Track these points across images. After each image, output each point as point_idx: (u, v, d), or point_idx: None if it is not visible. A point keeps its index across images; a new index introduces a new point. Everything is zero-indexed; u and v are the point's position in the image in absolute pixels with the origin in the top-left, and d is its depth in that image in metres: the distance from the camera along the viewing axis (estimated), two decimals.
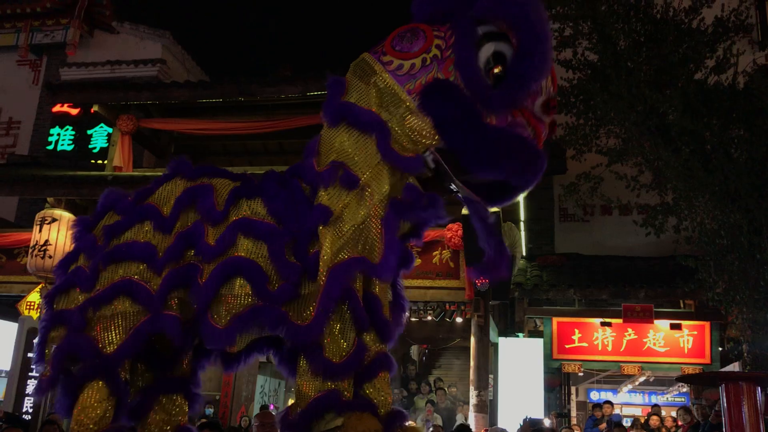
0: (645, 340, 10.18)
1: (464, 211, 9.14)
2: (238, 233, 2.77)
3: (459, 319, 9.88)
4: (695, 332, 10.07)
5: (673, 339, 10.08)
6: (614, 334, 10.24)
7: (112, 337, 2.75)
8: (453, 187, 2.90)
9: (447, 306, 9.50)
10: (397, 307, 3.01)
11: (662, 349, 10.12)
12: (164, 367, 3.06)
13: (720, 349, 10.11)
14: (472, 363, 9.01)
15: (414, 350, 14.07)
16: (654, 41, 8.49)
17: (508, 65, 2.76)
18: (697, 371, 9.76)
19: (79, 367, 2.74)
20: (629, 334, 10.22)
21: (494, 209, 3.20)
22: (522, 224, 11.01)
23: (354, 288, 2.68)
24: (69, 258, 3.09)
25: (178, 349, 2.98)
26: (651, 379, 12.68)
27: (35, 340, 3.04)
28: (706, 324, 10.03)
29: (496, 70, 2.79)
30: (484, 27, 2.81)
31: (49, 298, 2.99)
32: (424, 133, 2.79)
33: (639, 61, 8.38)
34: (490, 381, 9.66)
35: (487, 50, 2.81)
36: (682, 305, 10.40)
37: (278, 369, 3.03)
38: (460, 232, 8.69)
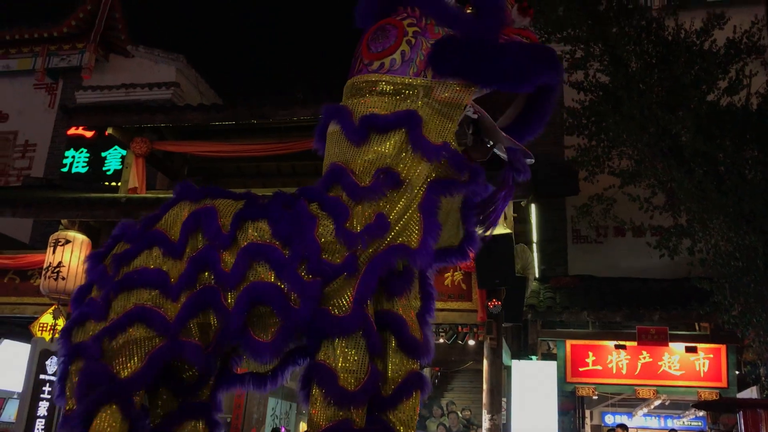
0: (660, 363, 10.06)
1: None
2: (249, 259, 2.75)
3: (471, 342, 9.80)
4: (711, 355, 9.94)
5: (689, 362, 9.95)
6: (629, 357, 10.13)
7: (127, 363, 2.73)
8: (491, 143, 2.96)
9: (459, 328, 9.44)
10: (426, 295, 2.98)
11: (678, 373, 9.99)
12: (187, 392, 3.02)
13: (737, 372, 9.97)
14: (484, 386, 8.93)
15: (426, 373, 13.98)
16: (666, 63, 8.49)
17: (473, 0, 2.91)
18: (714, 395, 9.63)
19: (94, 393, 2.70)
20: (644, 357, 10.10)
21: (505, 230, 3.19)
22: (535, 246, 10.97)
23: (369, 314, 2.65)
24: (82, 291, 3.09)
25: (201, 374, 2.96)
26: (666, 403, 12.51)
27: (52, 368, 3.04)
28: (722, 347, 9.91)
29: (468, 10, 2.92)
30: None
31: (66, 333, 2.97)
32: (454, 95, 2.81)
33: (651, 82, 8.38)
34: (503, 404, 9.56)
35: (449, 1, 2.94)
36: (697, 328, 10.28)
37: (300, 394, 2.97)
38: (472, 254, 8.66)
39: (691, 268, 8.99)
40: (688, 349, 9.91)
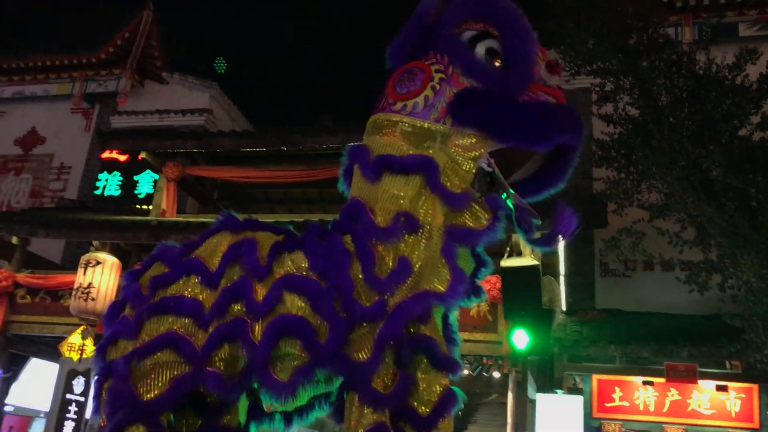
0: (689, 401, 9.83)
1: (503, 263, 9.09)
2: (283, 290, 2.79)
3: (496, 374, 9.70)
4: (743, 395, 9.69)
5: (719, 401, 9.72)
6: (656, 393, 9.92)
7: (152, 386, 2.77)
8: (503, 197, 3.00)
9: (484, 360, 9.36)
10: (449, 341, 3.00)
11: (708, 412, 9.75)
12: (210, 415, 3.05)
13: None
14: (509, 419, 8.81)
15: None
16: (697, 97, 8.44)
17: (503, 53, 2.98)
18: None
19: (118, 414, 2.76)
20: (672, 395, 9.89)
21: (532, 262, 3.22)
22: (562, 278, 10.87)
23: (403, 331, 2.71)
24: (116, 308, 3.13)
25: (224, 400, 2.97)
26: None
27: (79, 388, 3.09)
28: (755, 387, 9.66)
29: (497, 63, 3.00)
30: (465, 35, 3.03)
31: (100, 350, 3.03)
32: (470, 146, 2.87)
33: (681, 116, 8.33)
34: None
35: (480, 51, 3.00)
36: (728, 366, 10.05)
37: (330, 418, 3.00)
38: (498, 285, 8.63)
39: (721, 305, 8.83)
40: (719, 388, 9.67)
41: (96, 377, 2.99)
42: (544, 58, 3.09)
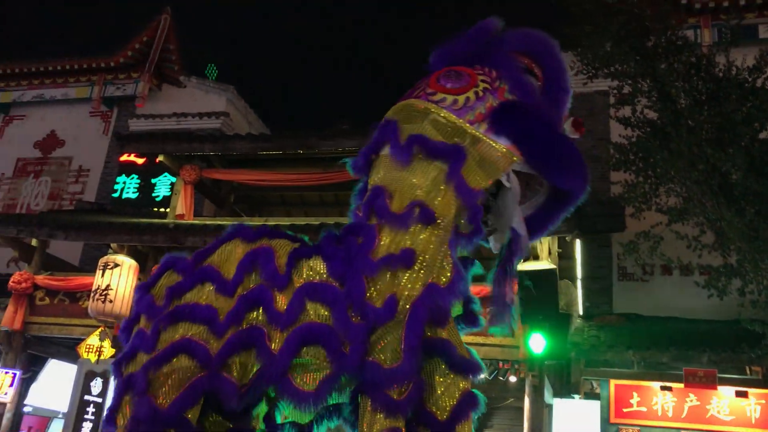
0: (708, 407, 9.72)
1: (519, 267, 9.04)
2: (305, 298, 2.77)
3: (513, 378, 9.66)
4: (763, 401, 9.57)
5: (739, 407, 9.60)
6: (675, 399, 9.82)
7: (170, 393, 2.75)
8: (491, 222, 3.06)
9: (500, 364, 9.31)
10: None
11: (727, 418, 9.63)
12: (237, 419, 3.02)
13: None
14: (525, 424, 8.76)
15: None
16: (716, 100, 8.36)
17: (539, 93, 3.08)
18: None
19: (141, 427, 2.74)
20: (691, 400, 9.78)
21: (549, 265, 3.24)
22: (579, 282, 10.82)
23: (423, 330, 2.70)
24: (130, 322, 3.13)
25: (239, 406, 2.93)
26: None
27: (97, 390, 3.08)
28: None
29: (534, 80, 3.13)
30: None
31: (117, 365, 3.02)
32: (495, 157, 2.88)
33: (700, 119, 8.25)
34: None
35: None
36: (748, 372, 9.94)
37: (344, 426, 2.98)
38: (515, 289, 8.58)
39: (741, 310, 8.73)
40: (739, 394, 9.56)
41: (115, 392, 2.97)
42: (568, 117, 3.18)
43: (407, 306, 2.66)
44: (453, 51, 3.23)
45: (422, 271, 2.71)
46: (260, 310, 2.81)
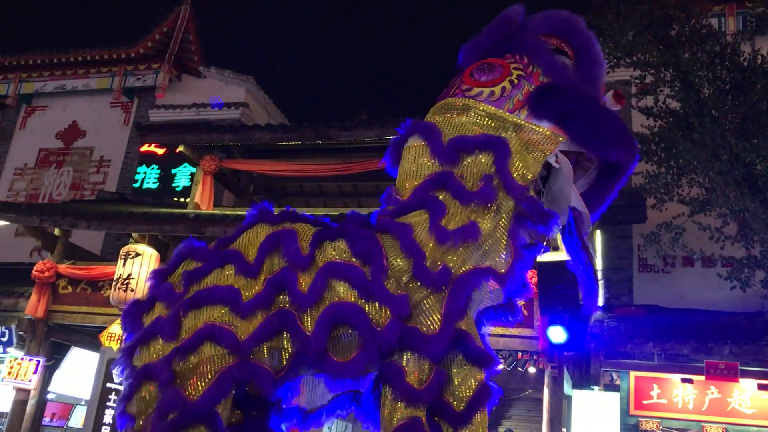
0: (729, 399, 9.64)
1: (539, 257, 9.00)
2: (328, 278, 2.77)
3: (532, 369, 9.63)
4: None
5: (762, 400, 9.51)
6: (696, 391, 9.75)
7: (199, 384, 2.69)
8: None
9: (519, 355, 9.29)
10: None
11: (749, 411, 9.55)
12: (251, 406, 3.03)
13: None
14: (545, 415, 8.75)
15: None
16: (740, 89, 8.24)
17: (575, 72, 3.12)
18: None
19: (170, 419, 2.66)
20: (712, 393, 9.70)
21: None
22: (599, 274, 10.73)
23: (462, 330, 2.72)
24: (141, 308, 3.03)
25: (267, 395, 2.95)
26: None
27: (116, 369, 3.03)
28: None
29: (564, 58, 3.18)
30: None
31: (127, 352, 2.94)
32: (541, 140, 2.90)
33: (724, 109, 8.14)
34: None
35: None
36: None
37: (357, 417, 3.00)
38: (534, 280, 8.55)
39: (764, 302, 8.64)
40: (761, 387, 9.46)
41: (128, 381, 2.88)
42: (606, 89, 3.21)
43: (453, 277, 2.70)
44: (480, 44, 3.24)
45: (481, 250, 2.76)
46: (284, 294, 2.80)
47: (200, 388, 2.69)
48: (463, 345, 2.75)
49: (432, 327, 2.67)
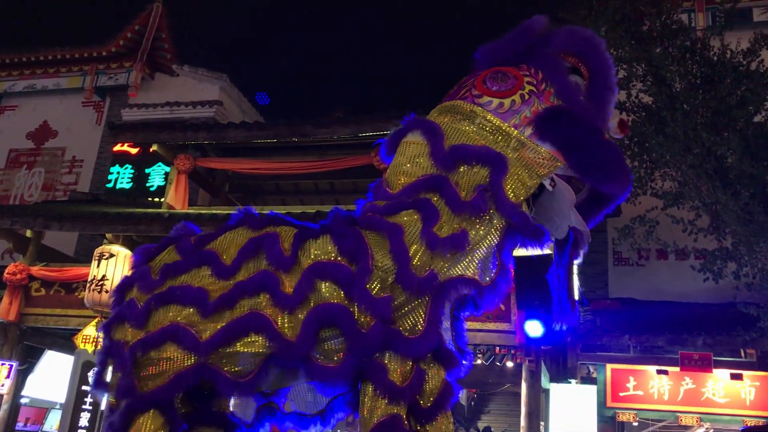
0: (703, 389, 9.79)
1: (515, 252, 9.06)
2: (315, 278, 2.77)
3: (510, 364, 9.70)
4: (758, 383, 9.64)
5: (734, 390, 9.67)
6: (671, 382, 9.88)
7: (154, 377, 2.79)
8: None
9: (497, 349, 9.35)
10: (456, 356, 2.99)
11: (722, 400, 9.70)
12: (201, 399, 3.07)
13: None
14: (523, 409, 8.81)
15: (462, 395, 13.84)
16: (711, 83, 8.35)
17: (588, 94, 3.12)
18: (761, 424, 9.32)
19: (123, 403, 2.80)
20: (687, 383, 9.84)
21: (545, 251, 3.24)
22: (575, 268, 10.81)
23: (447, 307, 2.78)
24: (124, 285, 3.17)
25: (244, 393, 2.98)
26: (711, 431, 12.17)
27: (92, 371, 3.12)
28: None
29: (577, 79, 3.17)
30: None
31: (106, 328, 3.08)
32: (540, 162, 2.91)
33: (695, 103, 8.25)
34: (542, 428, 9.40)
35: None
36: (743, 354, 10.00)
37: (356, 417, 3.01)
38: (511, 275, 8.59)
39: (736, 293, 8.77)
40: (734, 376, 9.62)
41: (102, 352, 3.04)
42: (615, 115, 3.23)
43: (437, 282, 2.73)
44: (499, 50, 3.24)
45: (467, 259, 2.79)
46: (265, 296, 2.79)
47: (154, 383, 2.78)
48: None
49: (416, 328, 2.69)
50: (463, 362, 2.94)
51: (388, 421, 2.58)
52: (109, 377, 2.97)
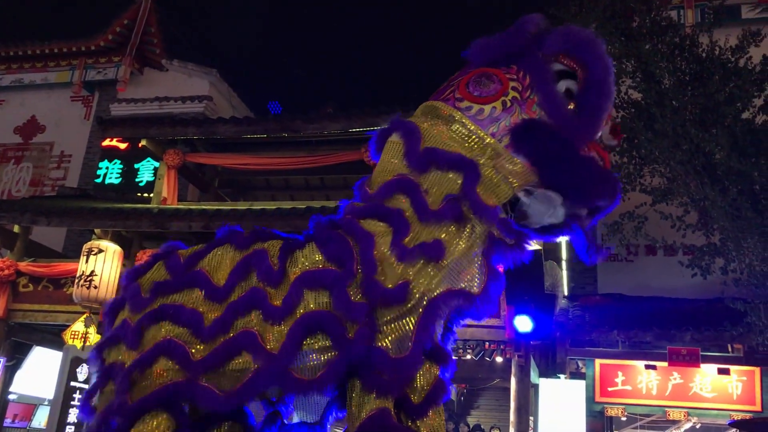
0: (691, 384, 9.86)
1: None
2: (304, 289, 2.75)
3: (499, 359, 9.73)
4: (744, 378, 9.71)
5: (721, 384, 9.74)
6: (659, 377, 9.95)
7: (144, 390, 2.77)
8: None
9: (486, 345, 9.37)
10: (447, 357, 2.97)
11: (709, 395, 9.78)
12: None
13: None
14: (512, 404, 8.84)
15: (452, 390, 13.86)
16: (699, 80, 8.39)
17: (578, 98, 2.94)
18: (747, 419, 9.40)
19: (110, 419, 2.79)
20: (675, 378, 9.91)
21: (534, 246, 3.21)
22: (564, 263, 10.87)
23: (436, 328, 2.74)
24: (115, 306, 3.13)
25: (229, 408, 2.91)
26: (698, 426, 12.24)
27: (83, 376, 3.09)
28: (756, 369, 9.67)
29: (570, 105, 2.96)
30: (554, 66, 3.00)
31: (99, 350, 3.03)
32: (514, 173, 2.85)
33: (684, 99, 8.29)
34: (531, 423, 9.45)
35: (560, 87, 2.97)
36: (730, 349, 10.07)
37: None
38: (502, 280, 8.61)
39: (724, 288, 8.82)
40: (721, 371, 9.69)
41: (96, 377, 2.99)
42: (609, 120, 3.07)
43: (424, 300, 2.68)
44: (491, 47, 3.12)
45: (445, 270, 2.73)
46: (256, 312, 2.77)
47: (146, 392, 2.75)
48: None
49: (404, 346, 2.65)
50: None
51: (376, 415, 2.56)
52: (97, 402, 2.94)
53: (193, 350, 2.78)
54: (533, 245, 3.02)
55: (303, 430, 3.08)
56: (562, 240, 10.23)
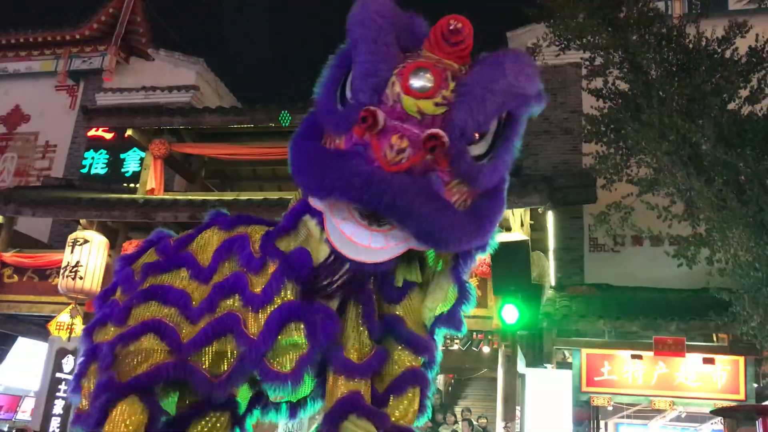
0: (677, 374, 9.94)
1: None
2: (284, 277, 2.73)
3: (486, 349, 9.78)
4: (729, 367, 9.81)
5: (706, 374, 9.83)
6: (645, 367, 10.02)
7: (132, 367, 2.74)
8: None
9: (474, 335, 9.41)
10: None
11: (694, 384, 9.87)
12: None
13: (755, 385, 9.83)
14: (499, 394, 8.88)
15: (440, 380, 13.91)
16: (686, 71, 8.41)
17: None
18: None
19: (100, 398, 2.75)
20: (660, 368, 9.99)
21: (521, 237, 3.19)
22: (551, 253, 10.91)
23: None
24: (107, 291, 3.13)
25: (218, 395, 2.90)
26: (683, 415, 12.37)
27: (69, 367, 3.07)
28: (741, 359, 9.77)
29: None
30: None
31: (88, 332, 3.03)
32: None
33: (671, 90, 8.30)
34: (517, 413, 9.49)
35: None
36: (715, 339, 10.16)
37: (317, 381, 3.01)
38: (487, 260, 8.63)
39: (709, 278, 8.87)
40: (706, 361, 9.78)
41: (82, 358, 2.99)
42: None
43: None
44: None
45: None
46: (236, 297, 2.77)
47: (132, 372, 2.73)
48: (395, 330, 2.76)
49: (360, 357, 2.66)
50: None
51: (346, 398, 2.56)
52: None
53: (182, 330, 2.77)
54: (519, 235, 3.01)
55: (288, 409, 3.08)
56: (549, 230, 10.27)
